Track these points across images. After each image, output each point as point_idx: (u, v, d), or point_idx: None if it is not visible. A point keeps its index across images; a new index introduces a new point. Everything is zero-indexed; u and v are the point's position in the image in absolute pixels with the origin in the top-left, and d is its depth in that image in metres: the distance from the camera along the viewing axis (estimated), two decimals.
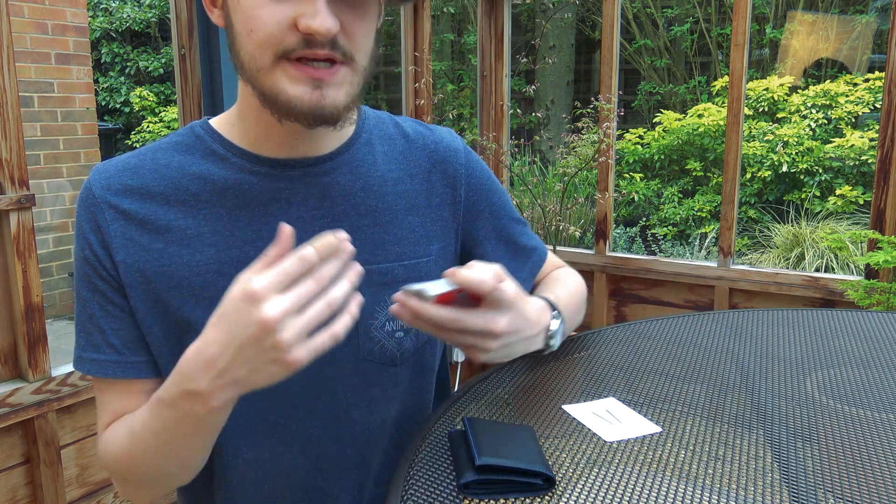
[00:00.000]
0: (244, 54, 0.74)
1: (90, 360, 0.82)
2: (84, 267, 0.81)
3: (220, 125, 0.85)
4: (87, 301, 0.81)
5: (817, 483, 0.69)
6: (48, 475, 1.71)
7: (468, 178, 0.95)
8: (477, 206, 0.96)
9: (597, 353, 1.04)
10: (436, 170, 0.93)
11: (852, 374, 0.95)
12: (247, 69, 0.74)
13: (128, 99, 7.82)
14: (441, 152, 0.94)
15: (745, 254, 4.86)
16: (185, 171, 0.82)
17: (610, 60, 2.58)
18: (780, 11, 6.49)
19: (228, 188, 0.81)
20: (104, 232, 0.79)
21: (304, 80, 0.72)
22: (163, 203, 0.80)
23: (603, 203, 2.66)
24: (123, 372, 0.81)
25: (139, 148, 0.86)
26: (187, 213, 0.80)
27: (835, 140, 4.97)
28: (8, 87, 1.59)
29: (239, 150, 0.82)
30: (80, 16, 4.53)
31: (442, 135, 0.96)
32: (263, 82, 0.73)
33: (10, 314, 1.67)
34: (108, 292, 0.80)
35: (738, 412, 0.84)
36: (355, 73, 0.75)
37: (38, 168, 4.29)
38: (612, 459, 0.73)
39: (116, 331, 0.81)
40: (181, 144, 0.84)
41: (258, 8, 0.71)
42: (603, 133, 2.59)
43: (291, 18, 0.70)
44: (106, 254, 0.79)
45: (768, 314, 1.21)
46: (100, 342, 0.81)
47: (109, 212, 0.80)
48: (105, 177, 0.81)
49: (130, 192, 0.81)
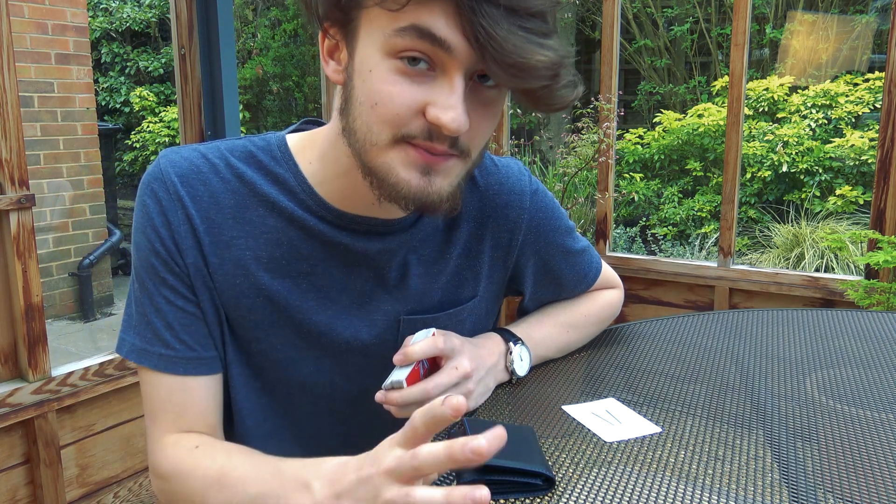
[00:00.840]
0: (361, 124, 0.69)
1: (158, 356, 0.78)
2: (151, 258, 0.78)
3: (298, 152, 0.82)
4: (154, 294, 0.78)
5: (817, 483, 0.69)
6: (48, 475, 1.71)
7: (529, 222, 0.92)
8: (535, 245, 0.95)
9: (597, 353, 1.04)
10: (496, 215, 0.90)
11: (852, 374, 0.95)
12: (359, 139, 0.70)
13: (128, 99, 7.82)
14: (504, 196, 0.90)
15: (745, 254, 4.86)
16: (255, 190, 0.79)
17: (610, 60, 2.58)
18: (780, 11, 6.49)
19: (294, 220, 0.80)
20: (175, 231, 0.77)
21: (416, 165, 0.68)
22: (229, 217, 0.79)
23: (603, 203, 2.66)
24: (196, 369, 0.79)
25: (213, 142, 0.82)
26: (250, 234, 0.79)
27: (835, 140, 4.97)
28: (8, 87, 1.59)
29: (309, 190, 0.80)
30: (80, 16, 4.53)
31: (508, 174, 0.91)
32: (374, 157, 0.69)
33: (10, 314, 1.67)
34: (180, 287, 0.78)
35: (738, 412, 0.84)
36: (465, 165, 0.72)
37: (38, 168, 4.29)
38: (612, 459, 0.73)
39: (187, 327, 0.79)
40: (256, 160, 0.81)
41: (391, 84, 0.65)
42: (603, 133, 2.59)
43: (422, 104, 0.65)
44: (177, 251, 0.77)
45: (768, 314, 1.21)
46: (169, 338, 0.78)
47: (181, 212, 0.77)
48: (179, 171, 0.78)
49: (200, 198, 0.78)
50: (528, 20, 0.63)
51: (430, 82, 0.66)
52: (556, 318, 1.01)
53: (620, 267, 2.61)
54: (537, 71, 0.63)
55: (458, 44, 0.63)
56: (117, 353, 0.82)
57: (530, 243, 0.94)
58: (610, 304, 1.08)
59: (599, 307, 1.06)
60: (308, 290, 0.82)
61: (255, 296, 0.80)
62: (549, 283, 1.00)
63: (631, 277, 2.63)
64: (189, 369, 0.79)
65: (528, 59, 0.62)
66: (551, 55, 0.63)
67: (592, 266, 1.04)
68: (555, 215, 0.96)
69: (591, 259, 1.03)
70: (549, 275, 0.99)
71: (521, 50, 0.61)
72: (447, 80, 0.65)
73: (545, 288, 1.01)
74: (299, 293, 0.81)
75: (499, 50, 0.61)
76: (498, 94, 0.70)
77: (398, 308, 0.86)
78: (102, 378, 1.82)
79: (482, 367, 0.85)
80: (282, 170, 0.80)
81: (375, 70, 0.66)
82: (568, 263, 1.00)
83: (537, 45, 0.62)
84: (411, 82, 0.65)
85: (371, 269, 0.84)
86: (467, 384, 0.81)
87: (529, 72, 0.63)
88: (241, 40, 7.65)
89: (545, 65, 0.62)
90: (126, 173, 7.78)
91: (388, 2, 0.63)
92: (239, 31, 7.60)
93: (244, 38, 7.66)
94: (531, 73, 0.63)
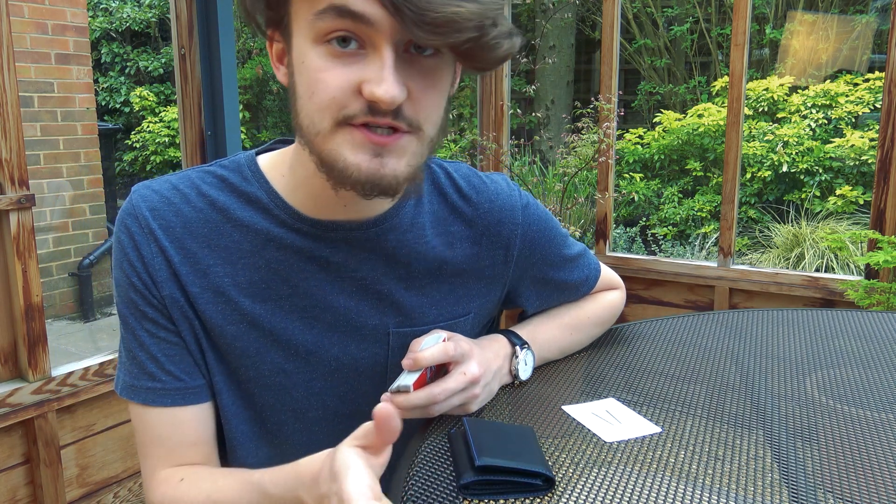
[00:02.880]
0: (304, 117, 0.69)
1: (146, 389, 0.79)
2: (129, 293, 0.78)
3: (269, 169, 0.81)
4: (136, 329, 0.79)
5: (817, 483, 0.69)
6: (48, 475, 1.71)
7: (523, 236, 0.91)
8: (531, 259, 0.94)
9: (597, 353, 1.04)
10: (489, 233, 0.89)
11: (852, 374, 0.95)
12: (305, 132, 0.70)
13: (128, 99, 7.82)
14: (496, 213, 0.89)
15: (745, 254, 4.86)
16: (229, 216, 0.79)
17: (610, 60, 2.58)
18: (780, 11, 6.49)
19: (270, 240, 0.79)
20: (148, 264, 0.77)
21: (364, 147, 0.67)
22: (204, 245, 0.78)
23: (603, 203, 2.66)
24: (184, 399, 0.79)
25: (184, 172, 0.82)
26: (226, 260, 0.79)
27: (835, 140, 4.96)
28: (8, 87, 1.59)
29: (282, 203, 0.79)
30: (80, 16, 4.53)
31: (498, 190, 0.90)
32: (322, 147, 0.69)
33: (10, 314, 1.67)
34: (159, 319, 0.78)
35: (738, 412, 0.84)
36: (420, 142, 0.70)
37: (38, 168, 4.29)
38: (612, 459, 0.73)
39: (172, 357, 0.79)
40: (227, 182, 0.80)
41: (322, 70, 0.66)
42: (603, 133, 2.59)
43: (356, 83, 0.66)
44: (153, 283, 0.77)
45: (768, 314, 1.21)
46: (155, 370, 0.78)
47: (154, 245, 0.77)
48: (151, 205, 0.78)
49: (173, 229, 0.78)
50: None
51: (361, 61, 0.66)
52: (559, 320, 1.01)
53: (620, 267, 2.61)
54: (458, 24, 0.61)
55: (378, 15, 0.63)
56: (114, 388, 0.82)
57: (526, 257, 0.93)
58: (612, 304, 1.08)
59: (602, 308, 1.06)
60: (291, 311, 0.80)
61: (239, 322, 0.79)
62: (549, 292, 1.00)
63: (631, 277, 2.63)
64: (177, 400, 0.79)
65: (445, 13, 0.60)
66: (471, 6, 0.61)
67: (591, 269, 1.03)
68: (548, 226, 0.95)
69: (589, 262, 1.03)
70: (548, 285, 0.98)
71: (435, 5, 0.60)
72: (377, 55, 0.65)
73: (546, 298, 1.00)
74: (283, 315, 0.80)
75: (414, 10, 0.60)
76: (437, 62, 0.68)
77: (386, 321, 0.84)
78: (102, 378, 1.82)
79: (489, 372, 0.84)
80: (253, 188, 0.80)
81: (307, 59, 0.67)
82: (566, 271, 0.99)
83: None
84: (343, 64, 0.66)
85: (354, 283, 0.82)
86: (474, 389, 0.80)
87: (450, 25, 0.61)
88: (241, 40, 7.65)
89: (465, 17, 0.61)
90: (126, 173, 7.78)
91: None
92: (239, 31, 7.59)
93: (244, 38, 7.66)
94: (452, 26, 0.61)
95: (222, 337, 0.79)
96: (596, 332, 1.07)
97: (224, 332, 0.79)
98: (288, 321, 0.80)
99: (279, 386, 0.83)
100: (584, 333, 1.04)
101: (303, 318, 0.81)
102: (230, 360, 0.81)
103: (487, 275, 0.91)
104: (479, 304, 0.91)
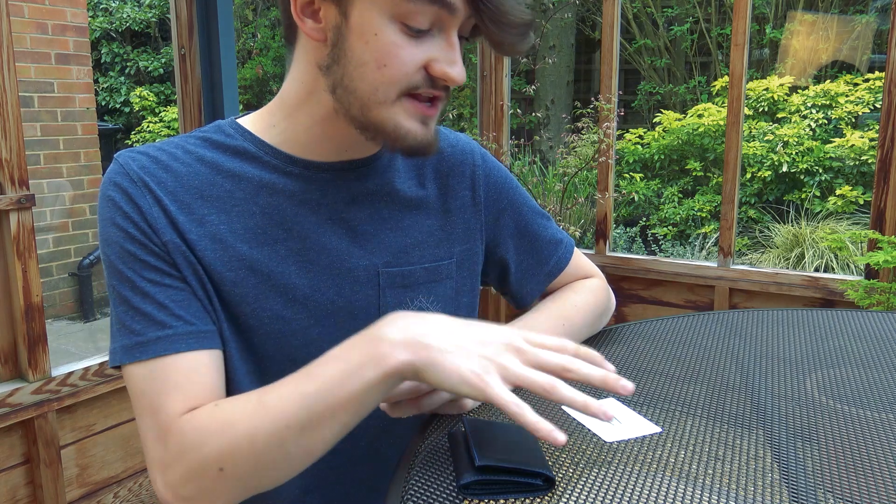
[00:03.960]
0: (363, 84, 0.74)
1: (156, 340, 0.73)
2: (126, 244, 0.75)
3: (253, 124, 0.85)
4: (136, 281, 0.75)
5: (817, 483, 0.69)
6: (48, 475, 1.71)
7: (486, 178, 0.98)
8: (498, 204, 0.99)
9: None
10: (454, 173, 0.95)
11: (852, 374, 0.95)
12: (361, 96, 0.75)
13: (128, 99, 7.82)
14: (457, 155, 0.96)
15: (745, 254, 4.86)
16: (218, 167, 0.81)
17: (610, 60, 2.58)
18: (780, 11, 6.49)
19: (262, 187, 0.81)
20: (146, 213, 0.76)
21: (416, 116, 0.76)
22: (197, 196, 0.79)
23: (603, 203, 2.67)
24: (198, 342, 0.75)
25: (161, 141, 0.84)
26: (221, 209, 0.80)
27: (835, 140, 4.96)
28: (8, 87, 1.59)
29: (272, 150, 0.83)
30: (80, 16, 4.53)
31: (458, 138, 0.99)
32: (378, 113, 0.75)
33: (10, 314, 1.67)
34: (163, 266, 0.76)
35: (738, 412, 0.84)
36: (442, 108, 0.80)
37: (38, 168, 4.30)
38: (612, 459, 0.73)
39: (180, 302, 0.75)
40: (210, 140, 0.83)
41: (399, 47, 0.72)
42: (603, 133, 2.59)
43: (425, 60, 0.73)
44: (153, 231, 0.76)
45: (768, 314, 1.21)
46: (164, 318, 0.74)
47: (149, 196, 0.77)
48: (139, 164, 0.79)
49: (165, 184, 0.78)
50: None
51: (430, 40, 0.73)
52: (548, 312, 1.00)
53: (620, 267, 2.61)
54: (521, 28, 0.73)
55: (461, 6, 0.72)
56: (110, 366, 0.76)
57: (494, 200, 0.98)
58: (593, 290, 1.06)
59: (585, 294, 1.04)
60: (287, 255, 0.82)
61: (238, 267, 0.80)
62: (528, 246, 1.02)
63: (631, 277, 2.63)
64: (192, 344, 0.74)
65: (517, 18, 0.72)
66: (529, 12, 0.73)
67: (564, 235, 1.06)
68: (507, 176, 1.01)
69: (560, 230, 1.06)
70: (525, 236, 1.01)
71: (512, 9, 0.72)
72: (445, 37, 0.74)
73: (526, 252, 1.02)
74: (279, 259, 0.82)
75: (495, 11, 0.71)
76: (466, 45, 0.79)
77: (375, 261, 0.87)
78: (102, 378, 1.82)
79: None
80: (238, 142, 0.83)
81: (381, 33, 0.72)
82: (539, 225, 1.03)
83: (521, 3, 0.73)
84: (415, 44, 0.73)
85: (344, 224, 0.85)
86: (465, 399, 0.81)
87: (517, 28, 0.73)
88: (241, 40, 7.65)
89: (527, 22, 0.73)
90: None
91: None
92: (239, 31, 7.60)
93: (244, 38, 7.66)
94: (518, 29, 0.73)
95: (223, 283, 0.79)
96: (589, 321, 1.04)
97: (224, 279, 0.79)
98: (284, 265, 0.82)
99: (278, 334, 0.82)
100: (576, 322, 1.02)
101: (298, 261, 0.83)
102: (231, 308, 0.80)
103: (462, 218, 0.95)
104: (461, 251, 0.95)
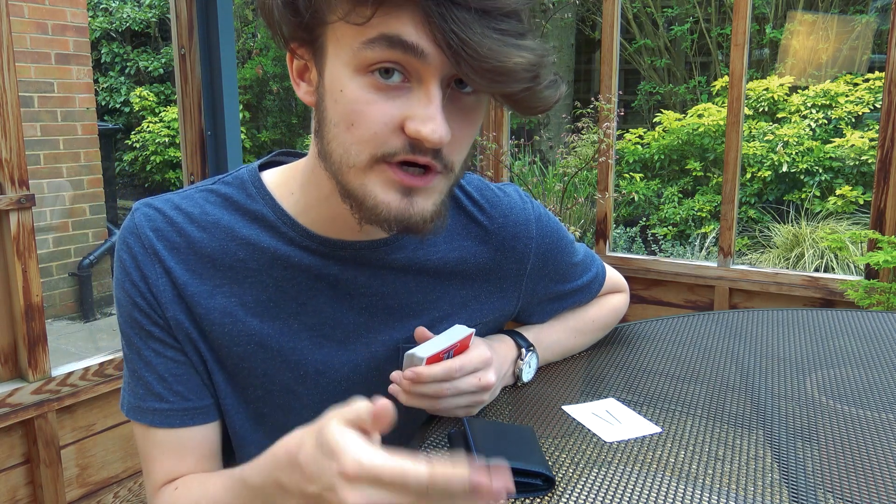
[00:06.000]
0: (336, 146, 0.66)
1: (153, 411, 0.76)
2: (133, 312, 0.76)
3: (276, 186, 0.78)
4: (141, 348, 0.77)
5: (817, 483, 0.69)
6: (48, 475, 1.71)
7: (537, 249, 0.90)
8: (542, 271, 0.92)
9: (597, 353, 1.04)
10: (504, 247, 0.87)
11: (852, 374, 0.95)
12: (335, 162, 0.67)
13: (128, 99, 7.82)
14: (510, 227, 0.87)
15: (745, 254, 4.86)
16: (234, 234, 0.77)
17: (610, 60, 2.58)
18: (780, 11, 6.48)
19: (277, 259, 0.77)
20: (152, 285, 0.75)
21: (395, 186, 0.65)
22: (209, 265, 0.76)
23: (603, 203, 2.66)
24: (192, 419, 0.77)
25: (186, 190, 0.80)
26: (233, 280, 0.76)
27: (835, 140, 4.96)
28: (8, 87, 1.59)
29: (290, 221, 0.77)
30: (80, 16, 4.53)
31: (512, 204, 0.88)
32: (352, 181, 0.66)
33: (10, 314, 1.67)
34: (166, 338, 0.76)
35: (738, 412, 0.84)
36: (448, 180, 0.68)
37: (38, 168, 4.29)
38: (612, 459, 0.73)
39: (179, 377, 0.77)
40: (231, 201, 0.78)
41: (365, 103, 0.62)
42: (603, 133, 2.59)
43: (400, 119, 0.62)
44: (157, 304, 0.75)
45: (768, 314, 1.21)
46: (162, 391, 0.76)
47: (158, 266, 0.75)
48: (154, 224, 0.76)
49: (177, 249, 0.76)
50: (502, 21, 0.60)
51: (406, 95, 0.63)
52: (565, 324, 1.01)
53: (620, 267, 2.60)
54: (516, 74, 0.60)
55: (431, 50, 0.60)
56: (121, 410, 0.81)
57: (538, 269, 0.91)
58: (615, 308, 1.08)
59: (606, 312, 1.06)
60: (300, 330, 0.79)
61: (247, 342, 0.77)
62: (559, 304, 0.99)
63: (631, 277, 2.63)
64: (185, 420, 0.77)
65: (506, 63, 0.59)
66: (529, 56, 0.60)
67: (597, 267, 1.03)
68: (560, 236, 0.94)
69: (594, 261, 1.03)
70: (559, 298, 0.98)
71: (497, 53, 0.58)
72: (423, 90, 0.62)
73: (556, 310, 1.00)
74: (291, 334, 0.78)
75: (473, 55, 0.58)
76: (477, 100, 0.67)
77: (395, 336, 0.82)
78: (102, 378, 1.82)
79: (498, 379, 0.83)
80: (258, 206, 0.77)
81: (347, 89, 0.63)
82: (575, 277, 0.99)
83: (514, 46, 0.59)
84: (386, 98, 0.62)
85: (364, 299, 0.80)
86: (482, 395, 0.79)
87: (509, 75, 0.60)
88: (241, 40, 7.64)
89: (524, 67, 0.60)
90: (126, 173, 7.78)
91: (352, 15, 0.60)
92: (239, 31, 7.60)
93: (244, 38, 7.66)
94: (510, 76, 0.60)
95: (229, 357, 0.78)
96: (599, 336, 1.07)
97: (231, 353, 0.77)
98: (296, 340, 0.79)
99: (288, 406, 0.81)
100: (588, 336, 1.04)
101: (312, 336, 0.79)
102: (238, 380, 0.79)
103: (500, 289, 0.89)
104: (493, 319, 0.90)
